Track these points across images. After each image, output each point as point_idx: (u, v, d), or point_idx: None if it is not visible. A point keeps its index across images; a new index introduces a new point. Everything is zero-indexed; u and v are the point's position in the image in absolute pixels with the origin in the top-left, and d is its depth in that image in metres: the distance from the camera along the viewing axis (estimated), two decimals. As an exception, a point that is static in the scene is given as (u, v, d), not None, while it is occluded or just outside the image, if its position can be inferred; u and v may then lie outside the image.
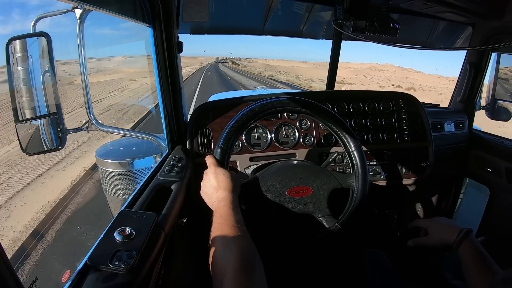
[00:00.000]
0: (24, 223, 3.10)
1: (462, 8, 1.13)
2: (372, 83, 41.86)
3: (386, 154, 1.24)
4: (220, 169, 0.75)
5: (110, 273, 0.51)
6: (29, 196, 3.76)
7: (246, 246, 0.56)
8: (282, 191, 0.85)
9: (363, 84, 41.44)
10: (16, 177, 4.29)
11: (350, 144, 0.89)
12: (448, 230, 0.78)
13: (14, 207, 3.50)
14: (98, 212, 2.93)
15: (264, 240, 0.88)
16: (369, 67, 54.81)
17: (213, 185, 0.73)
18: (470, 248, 0.72)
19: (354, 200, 0.88)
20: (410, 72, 49.94)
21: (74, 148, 5.17)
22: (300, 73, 49.42)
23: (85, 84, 1.04)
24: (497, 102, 1.52)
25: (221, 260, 0.54)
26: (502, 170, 1.35)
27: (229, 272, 0.50)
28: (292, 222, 0.87)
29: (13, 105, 0.81)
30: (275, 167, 0.91)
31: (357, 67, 55.78)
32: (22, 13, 70.01)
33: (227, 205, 0.67)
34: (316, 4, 1.41)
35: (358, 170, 0.88)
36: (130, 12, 0.84)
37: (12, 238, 2.84)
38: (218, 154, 0.79)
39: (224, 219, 0.63)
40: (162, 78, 1.01)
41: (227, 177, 0.73)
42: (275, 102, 0.87)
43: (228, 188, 0.71)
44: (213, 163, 0.77)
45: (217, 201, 0.70)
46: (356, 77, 46.42)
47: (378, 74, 49.73)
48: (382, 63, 56.77)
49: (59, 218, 3.13)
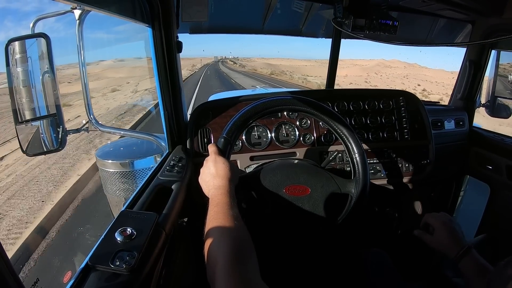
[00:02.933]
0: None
1: (461, 6, 1.13)
2: (391, 83, 38.94)
3: (386, 152, 1.24)
4: (221, 158, 0.74)
5: (111, 273, 0.51)
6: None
7: (239, 236, 0.56)
8: (279, 188, 0.85)
9: (377, 86, 37.49)
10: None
11: (354, 150, 0.88)
12: (451, 242, 0.78)
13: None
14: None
15: (259, 235, 0.88)
16: (377, 63, 53.09)
17: (212, 172, 0.72)
18: (470, 264, 0.73)
19: (351, 207, 0.88)
20: (417, 67, 48.71)
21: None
22: (306, 72, 47.24)
23: (85, 84, 1.04)
24: (497, 100, 1.52)
25: (214, 248, 0.54)
26: (502, 168, 1.35)
27: (221, 261, 0.50)
28: (286, 219, 0.87)
29: (13, 106, 0.81)
30: (275, 164, 0.92)
31: (364, 64, 54.01)
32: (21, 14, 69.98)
33: (224, 193, 0.67)
34: (315, 2, 1.41)
35: (358, 177, 0.87)
36: (129, 12, 0.84)
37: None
38: (221, 143, 0.79)
39: (220, 207, 0.63)
40: (162, 78, 1.01)
41: (226, 166, 0.73)
42: (281, 100, 0.87)
43: (226, 177, 0.71)
44: (215, 151, 0.76)
45: (213, 188, 0.69)
46: (369, 76, 44.62)
47: (389, 71, 47.94)
48: (389, 59, 55.21)
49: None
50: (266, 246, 0.98)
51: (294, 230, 0.90)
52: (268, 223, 0.88)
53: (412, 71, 46.37)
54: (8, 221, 3.23)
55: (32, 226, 3.04)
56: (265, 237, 0.92)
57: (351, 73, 45.55)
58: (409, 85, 36.05)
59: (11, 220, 3.25)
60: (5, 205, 3.61)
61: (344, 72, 46.09)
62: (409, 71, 47.17)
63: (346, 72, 46.19)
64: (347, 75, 42.92)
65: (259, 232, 0.88)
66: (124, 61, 25.91)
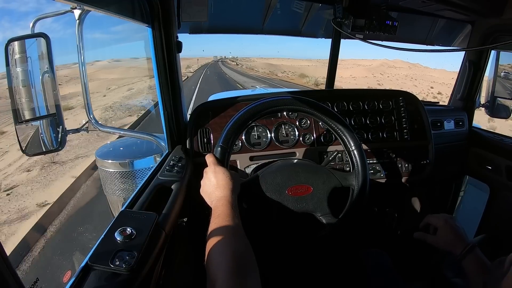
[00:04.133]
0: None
1: (461, 6, 1.13)
2: (403, 85, 35.45)
3: (386, 152, 1.24)
4: (220, 168, 0.75)
5: (111, 273, 0.51)
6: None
7: (240, 249, 0.56)
8: (282, 190, 0.85)
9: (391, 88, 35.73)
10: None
11: (350, 143, 0.89)
12: (456, 240, 0.78)
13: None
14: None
15: (265, 239, 0.88)
16: (381, 63, 52.06)
17: (213, 183, 0.72)
18: (473, 262, 0.73)
19: (354, 199, 0.89)
20: (421, 68, 47.98)
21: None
22: (310, 73, 43.59)
23: (85, 84, 1.04)
24: (496, 100, 1.53)
25: (214, 264, 0.54)
26: (502, 168, 1.35)
27: (221, 276, 0.50)
28: (292, 221, 0.87)
29: (13, 106, 0.81)
30: (275, 166, 0.91)
31: (368, 64, 52.80)
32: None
33: (225, 204, 0.67)
34: (315, 3, 1.41)
35: (358, 169, 0.88)
36: (129, 12, 0.84)
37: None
38: (218, 153, 0.79)
39: (221, 219, 0.63)
40: (162, 78, 1.01)
41: (227, 176, 0.73)
42: (274, 101, 0.87)
43: (227, 187, 0.71)
44: (213, 162, 0.77)
45: (215, 200, 0.69)
46: (375, 77, 43.36)
47: (395, 72, 46.81)
48: (392, 59, 54.25)
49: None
50: (271, 249, 0.99)
51: (300, 231, 0.90)
52: (274, 227, 0.88)
53: (418, 72, 45.50)
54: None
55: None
56: (271, 241, 0.92)
57: (356, 73, 44.55)
58: (422, 88, 35.01)
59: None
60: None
61: (349, 72, 45.04)
62: (415, 71, 46.27)
63: (350, 72, 45.25)
64: (356, 77, 41.83)
65: (266, 236, 0.88)
66: (120, 61, 25.46)
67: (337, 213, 0.89)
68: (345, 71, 45.80)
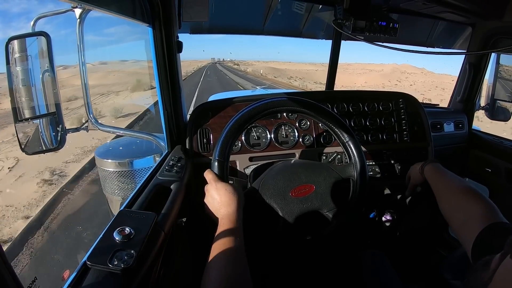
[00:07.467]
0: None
1: (462, 8, 1.13)
2: (428, 94, 30.35)
3: (386, 154, 1.24)
4: (222, 184, 0.74)
5: (109, 273, 0.51)
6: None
7: (233, 275, 0.56)
8: (285, 193, 0.85)
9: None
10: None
11: (344, 135, 0.90)
12: (416, 166, 0.98)
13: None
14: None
15: (272, 242, 0.87)
16: (393, 69, 50.26)
17: (217, 201, 0.72)
18: (432, 170, 0.90)
19: (356, 189, 0.89)
20: (431, 74, 46.31)
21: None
22: (322, 79, 40.69)
23: (85, 84, 1.04)
24: (496, 102, 1.53)
25: (207, 284, 0.54)
26: (501, 170, 1.36)
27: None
28: (299, 221, 0.87)
29: (13, 104, 0.81)
30: (274, 170, 0.90)
31: (379, 69, 50.67)
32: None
33: (228, 224, 0.66)
34: (315, 4, 1.41)
35: (355, 159, 0.89)
36: (130, 11, 0.84)
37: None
38: (216, 168, 0.78)
39: (222, 240, 0.63)
40: (162, 78, 1.01)
41: (229, 192, 0.72)
42: (264, 104, 0.86)
43: (231, 204, 0.70)
44: (213, 179, 0.75)
45: (221, 217, 0.69)
46: (396, 85, 40.12)
47: (412, 78, 44.10)
48: (400, 63, 52.67)
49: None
50: (275, 251, 0.98)
51: (309, 231, 0.90)
52: (283, 231, 0.86)
53: (432, 78, 43.74)
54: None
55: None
56: (281, 245, 0.91)
57: (370, 80, 42.93)
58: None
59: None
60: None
61: (362, 78, 43.28)
62: (429, 78, 44.47)
63: (364, 78, 43.56)
64: (371, 85, 39.63)
65: (275, 242, 0.87)
66: (106, 64, 24.94)
67: (342, 206, 0.89)
68: (357, 77, 43.99)
